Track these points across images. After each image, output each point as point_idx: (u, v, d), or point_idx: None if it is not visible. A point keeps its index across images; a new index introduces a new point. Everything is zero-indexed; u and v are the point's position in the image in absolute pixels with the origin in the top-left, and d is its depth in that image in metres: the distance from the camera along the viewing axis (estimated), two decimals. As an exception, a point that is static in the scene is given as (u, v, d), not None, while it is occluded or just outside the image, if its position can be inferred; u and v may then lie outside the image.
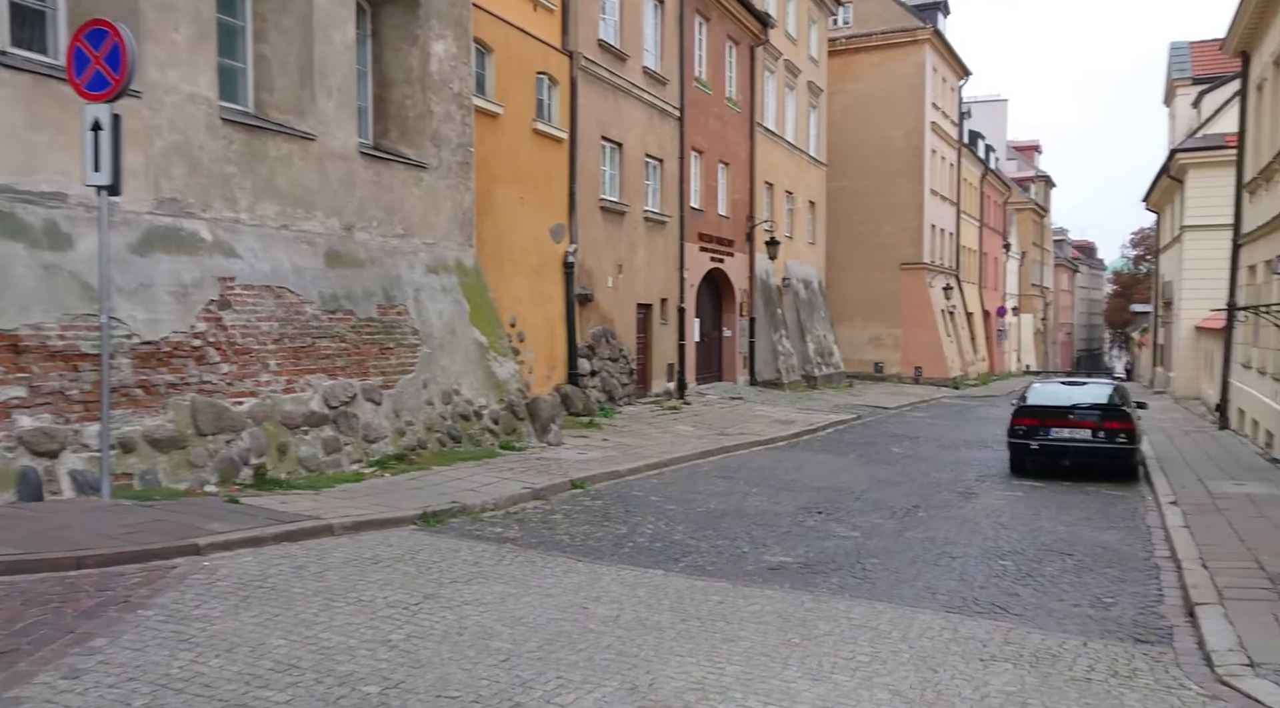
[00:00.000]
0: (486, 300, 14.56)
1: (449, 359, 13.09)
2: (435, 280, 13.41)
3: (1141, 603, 6.98)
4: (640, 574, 7.26)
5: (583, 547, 8.21)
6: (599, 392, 19.57)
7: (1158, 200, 38.23)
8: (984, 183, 52.00)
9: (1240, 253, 20.35)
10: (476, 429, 13.05)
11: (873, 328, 39.39)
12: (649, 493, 11.21)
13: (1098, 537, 9.45)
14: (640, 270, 21.77)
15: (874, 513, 10.49)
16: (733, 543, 8.67)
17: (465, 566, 7.14)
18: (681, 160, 23.55)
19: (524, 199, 17.35)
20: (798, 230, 32.53)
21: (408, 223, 13.07)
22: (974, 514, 10.59)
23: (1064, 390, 14.78)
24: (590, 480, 11.57)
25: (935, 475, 13.77)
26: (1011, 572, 7.81)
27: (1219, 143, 29.54)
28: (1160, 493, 11.88)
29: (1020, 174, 69.98)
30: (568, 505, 10.20)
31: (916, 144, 39.08)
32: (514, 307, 17.01)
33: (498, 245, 16.59)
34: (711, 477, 12.76)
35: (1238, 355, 20.11)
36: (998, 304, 55.47)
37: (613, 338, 20.36)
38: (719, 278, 26.87)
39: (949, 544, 8.88)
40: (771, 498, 11.22)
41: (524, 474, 11.36)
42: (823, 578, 7.41)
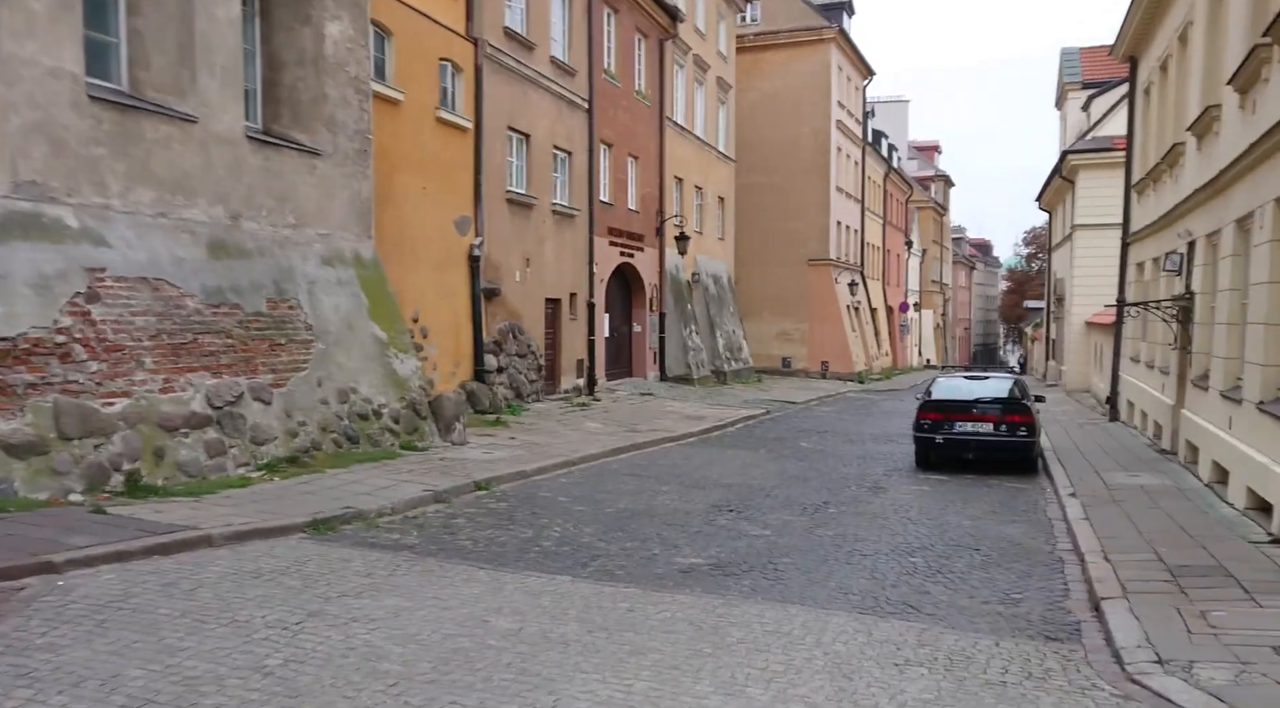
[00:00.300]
0: (386, 294, 13.96)
1: (346, 356, 12.47)
2: (331, 273, 12.76)
3: (1049, 598, 6.97)
4: (546, 581, 6.91)
5: (485, 553, 7.82)
6: (506, 389, 19.09)
7: (1050, 200, 39.63)
8: (887, 181, 53.13)
9: (1129, 251, 21.10)
10: (375, 429, 12.47)
11: (781, 323, 39.77)
12: (557, 493, 10.86)
13: (1003, 531, 9.51)
14: (549, 264, 21.35)
15: (785, 510, 10.37)
16: (643, 545, 8.40)
17: (356, 577, 6.66)
18: (591, 153, 23.19)
19: (427, 190, 16.75)
20: (707, 226, 32.54)
21: (301, 212, 12.39)
22: (883, 509, 10.57)
23: (967, 385, 15.01)
24: (496, 481, 11.15)
25: (844, 470, 13.79)
26: (922, 569, 7.75)
27: (1107, 145, 30.71)
28: (1059, 485, 12.11)
29: (921, 173, 71.82)
30: (471, 508, 9.76)
31: (823, 142, 39.59)
32: (417, 301, 16.40)
33: (399, 237, 15.96)
34: (621, 475, 12.48)
35: (1127, 350, 20.87)
36: (900, 300, 56.82)
37: (520, 333, 19.90)
38: (629, 273, 26.62)
39: (860, 541, 8.80)
40: (683, 496, 11.01)
41: (425, 476, 10.87)
42: (735, 580, 7.20)
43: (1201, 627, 5.76)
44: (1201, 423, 12.37)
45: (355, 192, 13.47)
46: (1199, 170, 13.30)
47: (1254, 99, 10.30)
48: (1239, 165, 10.67)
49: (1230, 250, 11.37)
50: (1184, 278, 14.50)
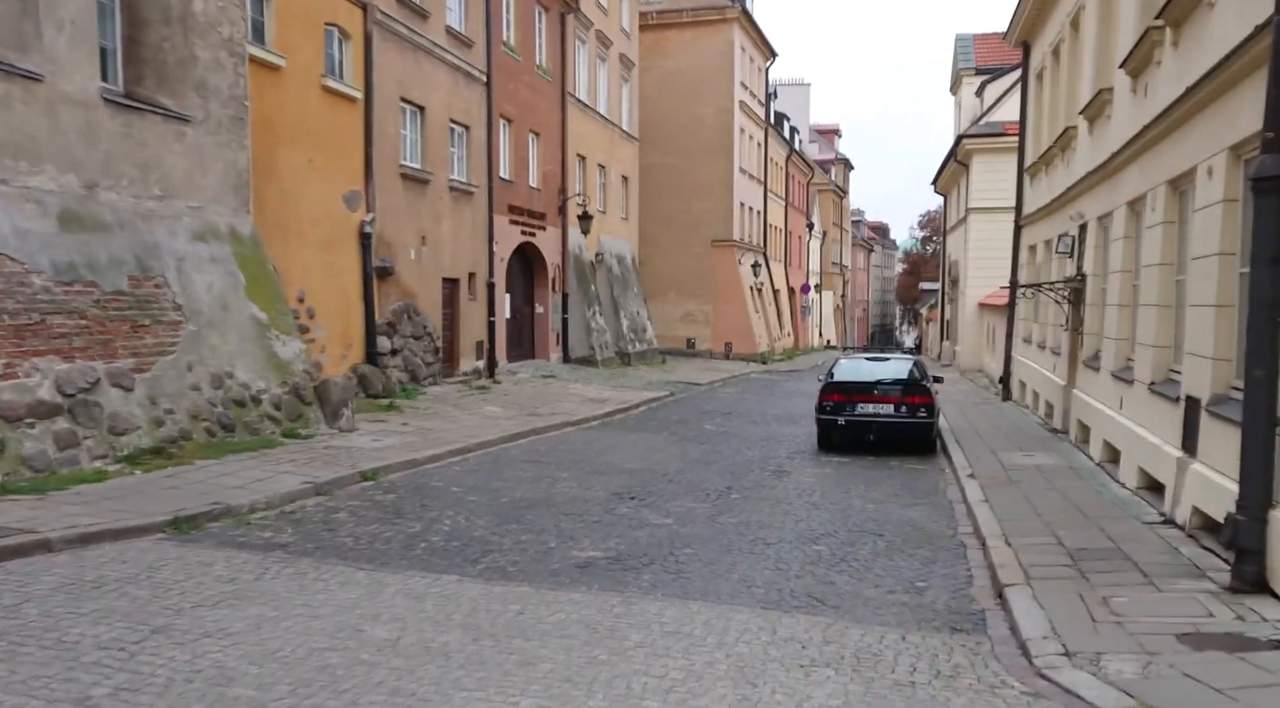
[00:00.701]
0: (267, 272, 13.08)
1: (220, 338, 11.60)
2: (203, 249, 11.84)
3: (953, 585, 6.84)
4: (431, 582, 6.41)
5: (367, 551, 7.26)
6: (401, 372, 18.32)
7: (945, 184, 40.54)
8: (789, 163, 53.55)
9: (1021, 233, 21.56)
10: (254, 416, 11.65)
11: (685, 304, 39.68)
12: (450, 483, 10.32)
13: (905, 514, 9.42)
14: (446, 243, 20.56)
15: (688, 496, 10.07)
16: (538, 537, 7.96)
17: (217, 584, 6.03)
18: (490, 128, 22.41)
19: (314, 163, 15.81)
20: (611, 205, 32.07)
21: (168, 183, 11.43)
22: (786, 494, 10.38)
23: (868, 366, 15.00)
24: (384, 471, 10.53)
25: (747, 453, 13.61)
26: (826, 557, 7.54)
27: (1000, 130, 31.46)
28: (958, 466, 12.17)
29: (822, 156, 72.76)
30: (355, 501, 9.15)
31: (726, 122, 39.50)
32: (303, 280, 15.49)
33: (283, 213, 15.01)
34: (520, 462, 12.00)
35: (1019, 331, 21.36)
36: (802, 282, 57.53)
37: (416, 314, 19.11)
38: (531, 252, 25.97)
39: (763, 528, 8.55)
40: (582, 483, 10.60)
41: (307, 466, 10.17)
42: (634, 575, 6.84)
43: (1105, 614, 5.67)
44: (1093, 403, 12.60)
45: (230, 162, 12.54)
46: (1091, 154, 13.51)
47: (1146, 82, 10.41)
48: (1130, 148, 10.80)
49: (1121, 233, 11.54)
50: (1076, 260, 14.78)
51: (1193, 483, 7.72)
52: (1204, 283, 7.76)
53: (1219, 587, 6.12)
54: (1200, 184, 8.10)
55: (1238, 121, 7.24)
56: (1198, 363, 7.86)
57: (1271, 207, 5.82)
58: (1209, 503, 7.31)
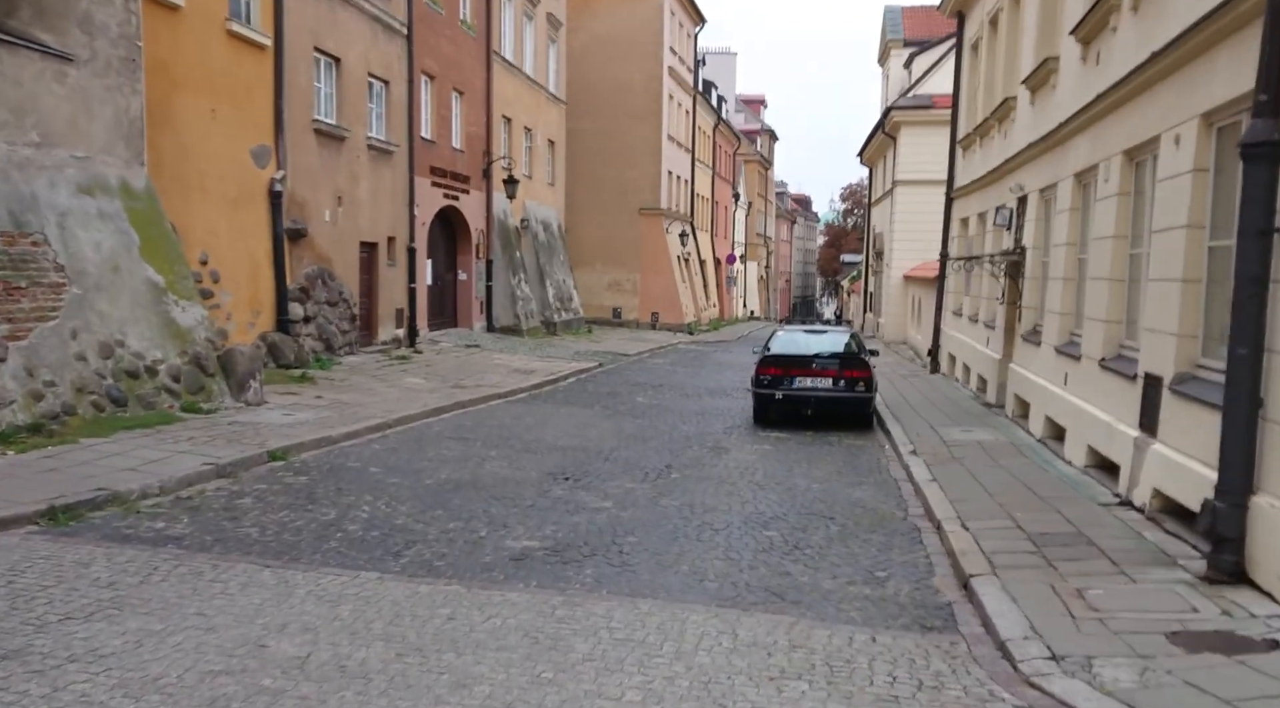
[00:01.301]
0: (164, 231, 11.96)
1: (110, 303, 10.51)
2: (90, 204, 10.70)
3: (914, 575, 6.42)
4: (348, 581, 5.70)
5: (275, 544, 6.49)
6: (315, 340, 17.27)
7: (871, 156, 40.59)
8: (716, 132, 53.03)
9: (953, 206, 21.46)
10: (149, 389, 10.63)
11: (612, 273, 38.97)
12: (368, 463, 9.53)
13: (852, 494, 9.03)
14: (364, 205, 19.45)
15: (625, 476, 9.50)
16: (467, 525, 7.30)
17: (94, 589, 5.21)
18: (410, 84, 21.25)
19: (217, 113, 14.59)
20: (537, 170, 31.09)
21: (47, 129, 10.25)
22: (728, 472, 9.90)
23: (805, 339, 14.62)
24: (295, 450, 9.68)
25: (683, 428, 13.11)
26: (779, 544, 7.06)
27: (928, 103, 31.45)
28: (898, 442, 11.87)
29: (748, 127, 72.42)
30: (262, 485, 8.32)
31: (655, 88, 38.69)
32: (205, 241, 14.34)
33: (183, 168, 13.82)
34: (444, 439, 11.25)
35: (949, 304, 21.31)
36: (727, 252, 57.32)
37: (331, 279, 18.03)
38: (453, 217, 24.93)
39: (708, 511, 8.04)
40: (513, 463, 9.93)
41: (208, 445, 9.26)
42: (575, 569, 6.24)
43: (1083, 610, 5.30)
44: (1032, 378, 12.44)
45: (121, 108, 11.35)
46: (1033, 124, 13.26)
47: (1098, 50, 10.10)
48: (1080, 118, 10.50)
49: (1067, 205, 11.29)
50: (1014, 233, 14.60)
51: (1153, 464, 7.46)
52: (1168, 257, 7.46)
53: (1194, 576, 5.82)
54: (1165, 154, 7.78)
55: (1211, 87, 6.90)
56: (1159, 339, 7.59)
57: (1261, 174, 5.46)
58: (1172, 486, 7.05)
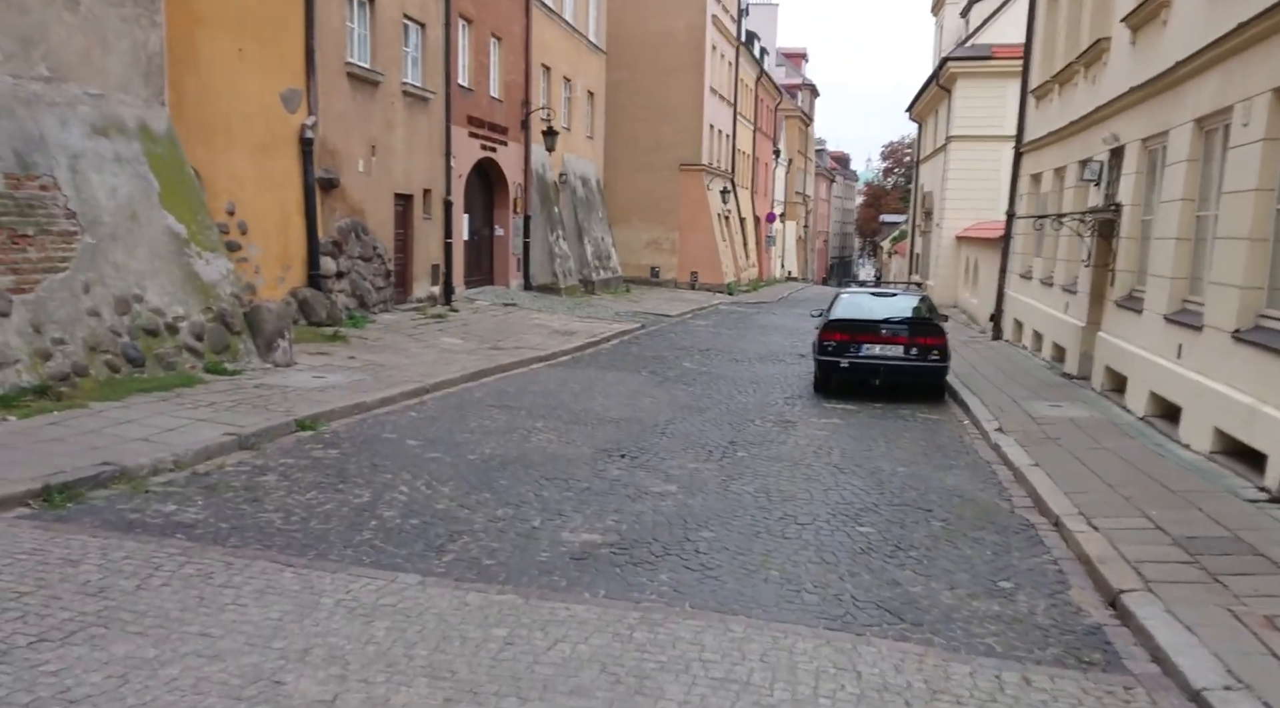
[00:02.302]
0: (186, 177, 11.08)
1: (126, 254, 9.67)
2: (105, 146, 9.81)
3: (1045, 586, 5.45)
4: (384, 586, 4.83)
5: (300, 534, 5.64)
6: (348, 297, 16.43)
7: (921, 111, 38.81)
8: (759, 86, 51.29)
9: (1022, 161, 20.07)
10: (169, 348, 9.81)
11: (650, 231, 37.80)
12: (405, 434, 8.66)
13: (945, 480, 8.03)
14: (399, 154, 18.48)
15: (687, 453, 8.57)
16: (518, 511, 6.41)
17: (79, 597, 4.34)
18: (447, 27, 20.11)
19: (244, 53, 13.62)
20: (576, 122, 29.88)
21: (57, 62, 9.34)
22: (800, 451, 8.93)
23: (872, 303, 13.51)
24: (325, 417, 8.83)
25: (740, 398, 12.13)
26: (877, 544, 6.10)
27: (987, 53, 29.77)
28: (979, 416, 10.83)
29: (788, 81, 70.26)
30: (289, 459, 7.47)
31: (698, 38, 37.13)
32: (232, 190, 13.46)
33: (207, 110, 12.90)
34: (486, 406, 10.36)
35: (1015, 266, 20.03)
36: (767, 210, 55.79)
37: (365, 233, 17.14)
38: (490, 169, 23.89)
39: (788, 500, 7.09)
40: (562, 436, 9.03)
41: (230, 411, 8.43)
42: (648, 572, 5.32)
43: (1284, 645, 4.30)
44: (1129, 348, 11.29)
45: (139, 42, 10.42)
46: (1134, 67, 11.95)
47: (1234, -24, 8.81)
48: (1207, 54, 9.25)
49: (1183, 155, 10.05)
50: (1105, 188, 13.34)
51: (1317, 457, 6.39)
52: (1344, 213, 6.31)
53: (1406, 602, 4.80)
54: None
55: None
56: (1327, 311, 6.47)
57: None
58: (1347, 484, 5.98)
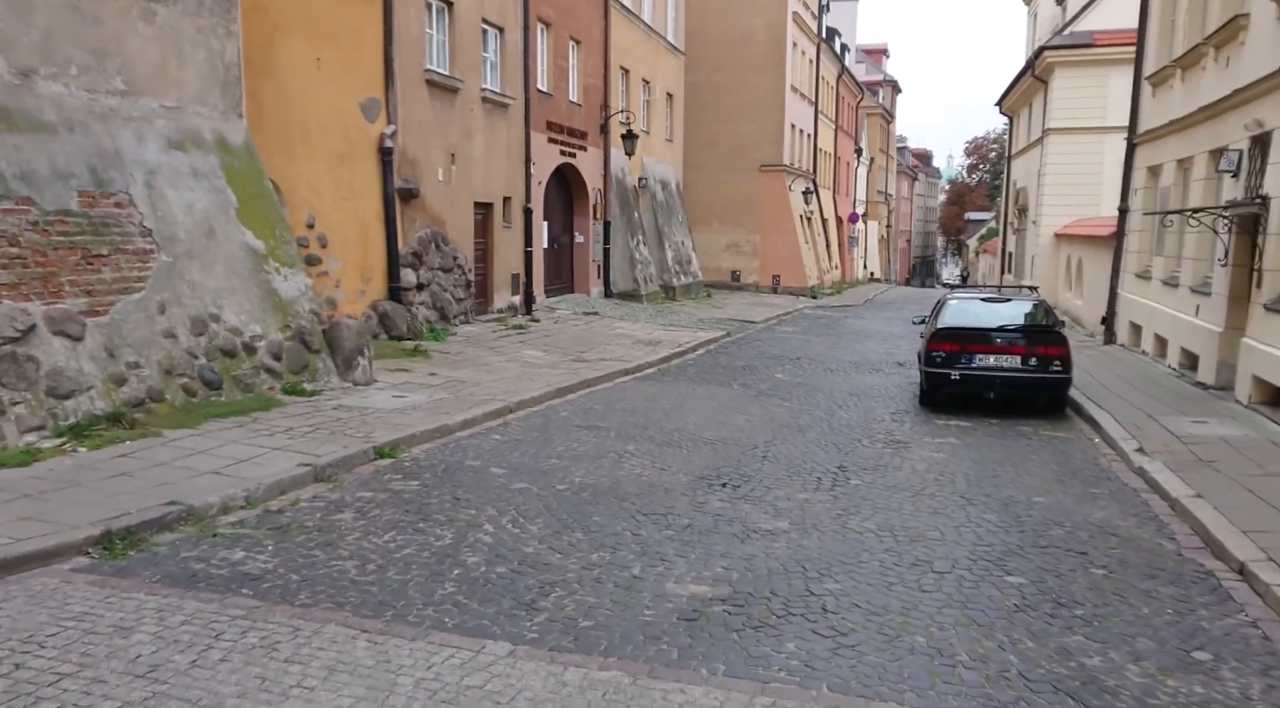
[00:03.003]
0: (264, 191, 10.75)
1: (203, 272, 9.34)
2: (182, 160, 9.51)
3: (1253, 659, 4.53)
4: (469, 660, 4.19)
5: (375, 588, 5.06)
6: (428, 309, 16.07)
7: (1013, 104, 37.11)
8: (840, 83, 49.96)
9: (1136, 153, 18.69)
10: (246, 369, 9.44)
11: (730, 234, 36.95)
12: (489, 460, 8.09)
13: (1091, 515, 7.09)
14: (478, 162, 18.09)
15: (792, 481, 7.80)
16: (615, 556, 5.74)
17: (125, 679, 3.78)
18: (526, 31, 19.69)
19: (323, 62, 13.34)
20: (655, 125, 29.27)
21: (133, 75, 9.06)
22: (919, 478, 8.07)
23: (984, 309, 12.50)
24: (405, 443, 8.32)
25: (842, 414, 11.28)
26: (1033, 599, 5.24)
27: (1088, 40, 28.23)
28: (1113, 435, 9.78)
29: (869, 78, 68.53)
30: (366, 492, 6.94)
31: (778, 35, 36.15)
32: (311, 202, 13.18)
33: (284, 120, 12.62)
34: (573, 427, 9.75)
35: (1129, 265, 18.65)
36: (850, 210, 54.34)
37: (445, 243, 16.77)
38: (570, 175, 23.42)
39: (917, 540, 6.26)
40: (655, 460, 8.35)
41: (307, 438, 7.98)
42: (771, 639, 4.58)
43: None
44: (1284, 359, 10.10)
45: (216, 53, 10.12)
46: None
47: None
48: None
49: (1354, 142, 8.88)
50: (1246, 179, 12.09)
51: None
52: None
53: None
54: None
55: None
56: None
57: None
58: None
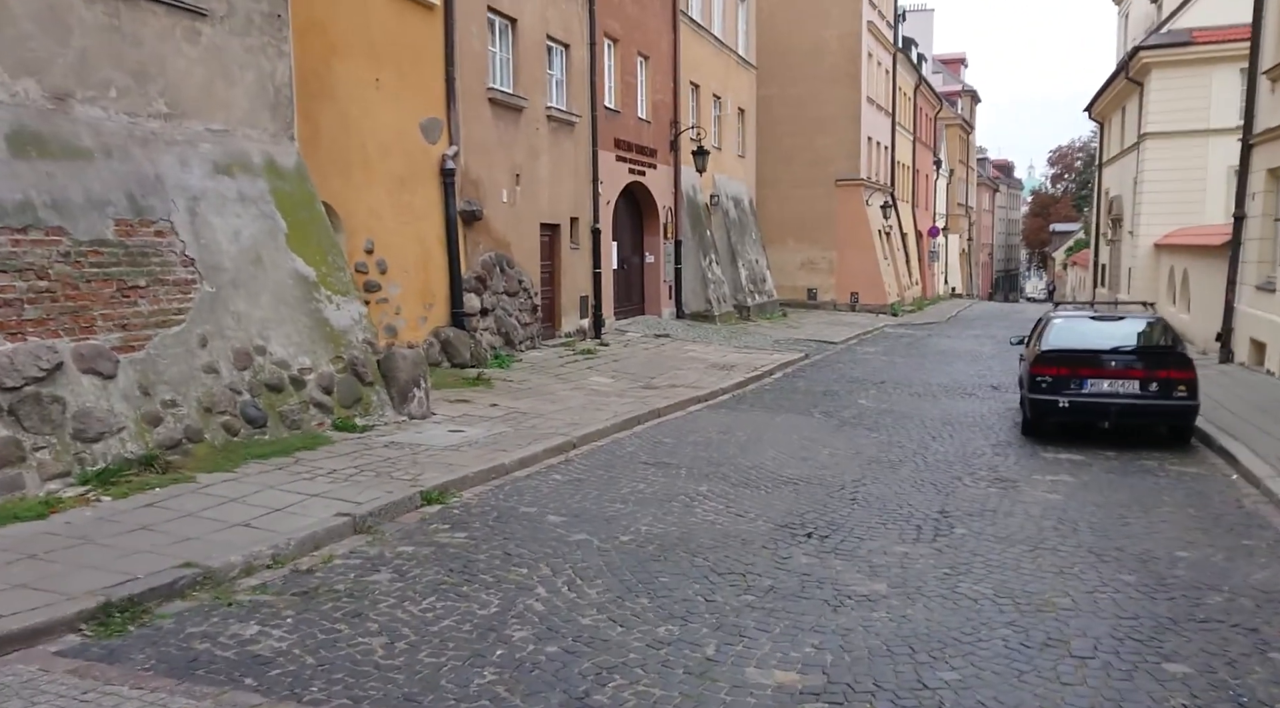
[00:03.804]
0: (316, 216, 10.26)
1: (249, 302, 8.83)
2: (228, 185, 9.05)
3: None
4: (505, 774, 3.41)
5: (402, 674, 4.30)
6: (493, 335, 15.50)
7: (1104, 109, 35.33)
8: (917, 94, 48.48)
9: (1254, 154, 17.18)
10: (294, 404, 8.88)
11: (805, 251, 35.84)
12: (546, 506, 7.32)
13: (1249, 574, 5.97)
14: (544, 182, 17.53)
15: (889, 530, 6.84)
16: (685, 629, 4.90)
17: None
18: (592, 47, 19.13)
19: (382, 82, 12.92)
20: (726, 141, 28.46)
21: (177, 97, 8.63)
22: (1034, 526, 7.02)
23: (1094, 328, 11.30)
24: (457, 486, 7.60)
25: (936, 446, 10.25)
26: (1206, 698, 4.22)
27: (1185, 39, 26.60)
28: (1256, 472, 8.56)
29: (946, 88, 66.68)
30: (408, 546, 6.23)
31: (853, 47, 35.08)
32: (370, 226, 12.72)
33: (343, 144, 12.20)
34: (639, 463, 8.94)
35: (1248, 276, 17.09)
36: (929, 224, 52.61)
37: (510, 266, 16.21)
38: (639, 193, 22.75)
39: (1044, 611, 5.26)
40: (731, 504, 7.48)
41: (351, 481, 7.32)
42: (879, 753, 3.69)
43: None
44: None
45: (266, 73, 9.68)
46: None
47: None
48: None
49: None
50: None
51: None
52: None
53: None
54: None
55: None
56: None
57: None
58: None
